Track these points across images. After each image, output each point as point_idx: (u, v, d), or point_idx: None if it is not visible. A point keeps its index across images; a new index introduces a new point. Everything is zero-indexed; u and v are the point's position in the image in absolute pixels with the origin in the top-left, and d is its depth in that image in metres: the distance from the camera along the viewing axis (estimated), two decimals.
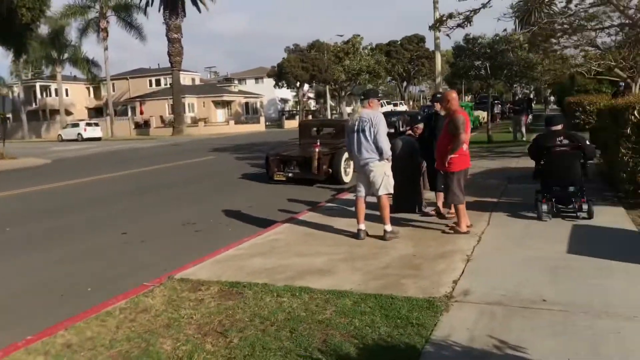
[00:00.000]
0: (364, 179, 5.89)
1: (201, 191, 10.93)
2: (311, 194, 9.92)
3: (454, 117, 5.74)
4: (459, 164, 5.88)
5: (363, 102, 5.87)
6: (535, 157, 6.63)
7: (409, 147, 7.15)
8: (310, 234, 6.28)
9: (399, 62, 61.37)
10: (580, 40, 20.84)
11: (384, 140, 5.61)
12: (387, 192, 5.85)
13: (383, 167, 5.75)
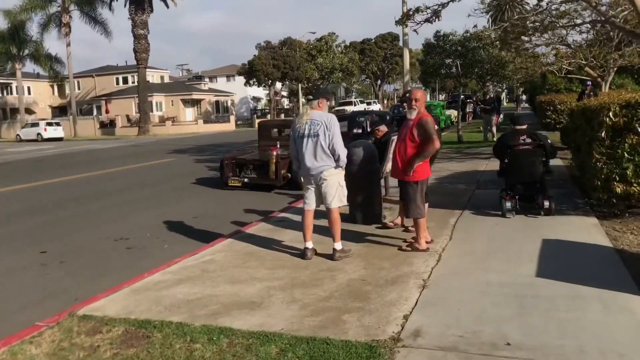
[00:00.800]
0: (315, 189, 5.19)
1: (147, 199, 10.06)
2: (267, 202, 9.18)
3: (424, 121, 5.09)
4: (423, 172, 5.23)
5: (312, 102, 5.14)
6: (499, 156, 6.82)
7: (366, 152, 6.49)
8: (251, 252, 5.54)
9: (373, 61, 61.03)
10: (552, 38, 20.62)
11: (341, 146, 4.96)
12: (340, 204, 5.16)
13: (338, 176, 5.09)
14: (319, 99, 5.06)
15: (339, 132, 4.96)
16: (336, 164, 4.99)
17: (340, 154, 4.94)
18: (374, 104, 52.76)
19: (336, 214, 5.12)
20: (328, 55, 47.16)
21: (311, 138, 4.96)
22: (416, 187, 5.19)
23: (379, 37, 62.59)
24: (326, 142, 4.92)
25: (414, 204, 5.21)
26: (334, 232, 5.12)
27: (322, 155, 4.95)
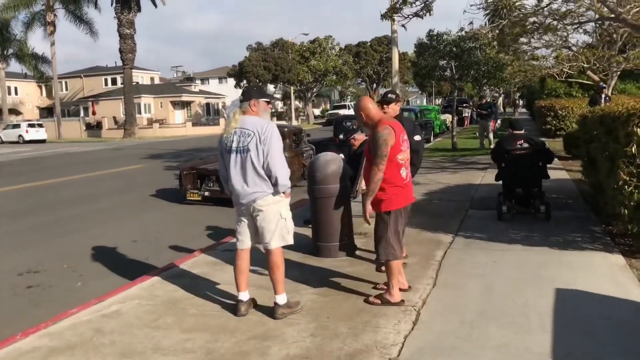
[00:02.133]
0: (250, 221, 3.86)
1: (88, 216, 8.67)
2: (227, 220, 7.84)
3: (375, 135, 3.80)
4: (397, 199, 3.89)
5: (243, 104, 3.81)
6: (497, 160, 6.83)
7: (333, 167, 5.18)
8: (173, 301, 4.22)
9: (368, 64, 59.73)
10: (553, 40, 19.37)
11: (280, 164, 3.60)
12: (283, 244, 3.82)
13: (278, 205, 3.72)
14: (252, 100, 3.73)
15: (278, 146, 3.62)
16: (275, 189, 3.66)
17: (278, 176, 3.59)
18: None
19: (277, 258, 3.79)
20: (322, 57, 45.89)
21: (240, 154, 3.64)
22: (387, 220, 3.87)
23: (375, 40, 61.22)
24: (259, 160, 3.59)
25: (383, 241, 3.88)
26: (275, 281, 3.80)
27: (254, 178, 3.63)
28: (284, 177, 3.62)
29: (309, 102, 51.89)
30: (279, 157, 3.60)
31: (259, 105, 3.71)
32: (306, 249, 5.55)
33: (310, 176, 5.31)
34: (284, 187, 3.64)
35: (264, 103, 3.75)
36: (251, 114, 3.69)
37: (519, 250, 5.17)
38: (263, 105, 3.74)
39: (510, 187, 6.61)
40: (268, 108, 3.78)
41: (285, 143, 10.33)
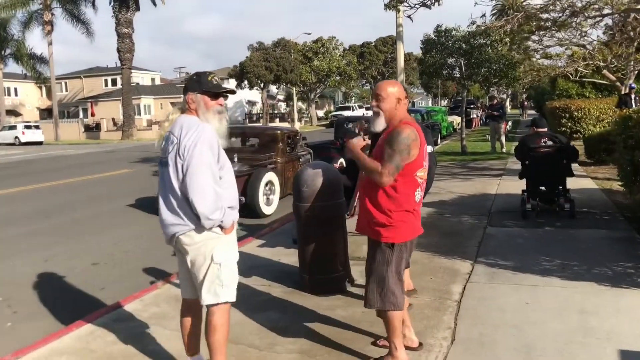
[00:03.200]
0: (182, 264, 2.80)
1: (52, 230, 7.64)
2: None
3: (394, 133, 2.77)
4: (405, 228, 2.83)
5: (182, 104, 2.77)
6: (520, 158, 6.80)
7: (324, 179, 4.15)
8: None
9: (372, 64, 58.76)
10: (568, 37, 18.30)
11: (200, 188, 2.49)
12: (218, 302, 2.66)
13: (208, 245, 2.62)
14: (188, 94, 2.68)
15: (202, 161, 2.51)
16: (198, 223, 2.55)
17: (197, 205, 2.48)
18: None
19: (214, 318, 2.68)
20: (325, 57, 44.88)
21: (162, 167, 2.66)
22: (388, 255, 2.83)
23: (379, 41, 60.30)
24: (178, 180, 2.55)
25: (380, 283, 2.84)
26: (211, 348, 2.71)
27: (173, 204, 2.58)
28: (207, 207, 2.47)
29: (312, 104, 50.89)
30: (200, 178, 2.46)
31: (197, 100, 2.65)
32: (291, 280, 4.55)
33: (296, 191, 4.29)
34: (207, 221, 2.49)
35: (205, 98, 2.66)
36: (189, 113, 2.67)
37: (556, 286, 4.13)
38: (204, 101, 2.64)
39: (534, 185, 6.66)
40: (215, 105, 2.66)
41: (278, 147, 9.38)
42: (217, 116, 2.67)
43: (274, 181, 8.39)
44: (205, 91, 2.65)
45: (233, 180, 2.74)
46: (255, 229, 7.10)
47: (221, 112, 2.71)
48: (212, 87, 2.66)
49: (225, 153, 2.75)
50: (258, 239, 6.26)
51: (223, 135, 2.71)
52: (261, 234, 6.48)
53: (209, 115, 2.65)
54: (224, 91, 2.70)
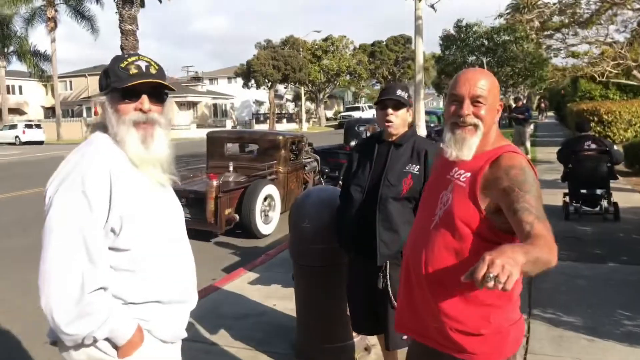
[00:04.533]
0: None
1: (35, 248, 6.57)
2: None
3: (517, 169, 1.49)
4: (514, 334, 1.60)
5: None
6: (563, 161, 6.81)
7: (328, 216, 2.93)
8: None
9: (383, 64, 57.46)
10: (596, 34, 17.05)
11: (48, 272, 1.32)
12: None
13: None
14: (98, 97, 1.55)
15: (60, 224, 1.35)
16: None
17: (43, 304, 1.31)
18: None
19: None
20: (335, 56, 43.63)
21: None
22: None
23: (391, 39, 59.00)
24: None
25: None
26: None
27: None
28: (60, 311, 1.30)
29: (320, 104, 49.70)
30: (50, 255, 1.34)
31: (105, 108, 1.52)
32: (286, 342, 3.38)
33: (293, 226, 3.09)
34: (62, 335, 1.34)
35: (115, 100, 1.50)
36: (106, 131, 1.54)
37: None
38: (114, 106, 1.50)
39: (577, 188, 6.67)
40: (130, 112, 1.49)
41: (280, 155, 8.19)
42: (136, 131, 1.49)
43: (273, 195, 7.21)
44: (115, 89, 1.48)
45: (177, 250, 1.57)
46: (249, 255, 5.94)
47: (149, 122, 1.51)
48: (123, 79, 1.47)
49: (164, 196, 1.58)
50: (251, 271, 5.08)
51: (153, 162, 1.52)
52: (255, 265, 5.30)
53: (120, 131, 1.48)
54: (139, 83, 1.47)
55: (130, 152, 1.47)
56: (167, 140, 1.57)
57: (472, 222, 1.52)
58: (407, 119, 2.52)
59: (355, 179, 2.53)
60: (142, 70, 1.49)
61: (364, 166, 2.53)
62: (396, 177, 2.39)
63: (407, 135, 2.50)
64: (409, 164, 2.42)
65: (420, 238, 1.66)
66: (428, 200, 1.71)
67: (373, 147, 2.54)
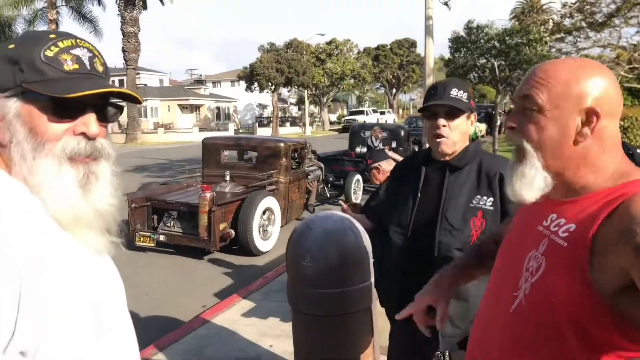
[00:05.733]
0: None
1: None
2: (181, 287, 5.10)
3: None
4: None
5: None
6: None
7: (346, 251, 2.32)
8: None
9: (387, 68, 56.99)
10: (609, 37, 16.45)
11: None
12: None
13: None
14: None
15: None
16: None
17: None
18: (388, 114, 48.66)
19: None
20: (339, 60, 43.08)
21: None
22: None
23: (395, 43, 58.60)
24: None
25: None
26: None
27: None
28: None
29: (324, 107, 49.16)
30: None
31: (10, 123, 0.85)
32: None
33: (291, 263, 2.48)
34: None
35: (32, 110, 0.86)
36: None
37: None
38: (31, 121, 0.85)
39: None
40: (61, 138, 0.87)
41: (280, 163, 7.59)
42: (71, 169, 0.89)
43: (273, 208, 6.62)
44: (35, 94, 0.86)
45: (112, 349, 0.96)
46: (244, 277, 5.34)
47: (94, 155, 0.91)
48: (52, 79, 0.86)
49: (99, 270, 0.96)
50: (245, 298, 4.48)
51: (90, 220, 0.90)
52: (250, 290, 4.71)
53: (41, 169, 0.86)
54: (90, 94, 0.86)
55: (55, 205, 0.86)
56: (114, 182, 0.96)
57: (580, 310, 0.91)
58: (467, 130, 1.80)
59: (394, 217, 1.86)
60: (86, 67, 0.89)
61: (405, 197, 1.83)
62: (459, 217, 1.69)
63: (469, 153, 1.78)
64: (476, 195, 1.71)
65: (494, 325, 1.06)
66: (506, 265, 1.11)
67: (418, 171, 1.83)
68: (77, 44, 0.90)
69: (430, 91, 1.82)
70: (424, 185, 1.79)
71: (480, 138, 27.86)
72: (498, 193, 1.68)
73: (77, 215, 0.87)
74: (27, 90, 0.84)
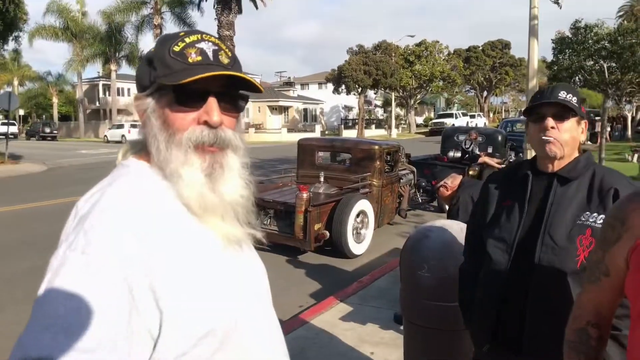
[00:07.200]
0: None
1: None
2: (276, 286, 5.20)
3: None
4: None
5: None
6: None
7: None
8: None
9: (479, 69, 54.93)
10: None
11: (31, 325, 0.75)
12: None
13: None
14: (135, 99, 0.97)
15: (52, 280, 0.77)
16: None
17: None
18: (479, 117, 46.86)
19: None
20: (428, 61, 42.21)
21: None
22: None
23: (488, 44, 56.33)
24: None
25: None
26: None
27: None
28: None
29: (411, 110, 48.39)
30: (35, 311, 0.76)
31: (148, 118, 0.95)
32: None
33: (406, 272, 2.43)
34: None
35: (163, 104, 0.93)
36: (140, 157, 1.00)
37: None
38: (162, 115, 0.93)
39: None
40: (188, 127, 0.92)
41: (374, 166, 7.54)
42: (198, 159, 0.93)
43: (367, 211, 6.59)
44: (163, 88, 0.91)
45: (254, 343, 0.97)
46: (339, 280, 5.35)
47: (220, 145, 0.94)
48: (177, 70, 0.90)
49: (238, 261, 0.99)
50: (342, 302, 4.48)
51: (222, 210, 0.94)
52: (347, 294, 4.70)
53: (173, 158, 0.92)
54: (206, 76, 0.88)
55: (186, 193, 0.91)
56: (243, 174, 0.99)
57: None
58: (577, 136, 1.63)
59: (494, 230, 1.67)
60: (209, 58, 0.92)
61: (509, 210, 1.66)
62: (565, 234, 1.53)
63: (580, 164, 1.62)
64: (585, 211, 1.55)
65: None
66: None
67: (525, 180, 1.66)
68: (202, 38, 0.95)
69: (536, 95, 1.67)
70: (530, 198, 1.64)
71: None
72: None
73: (206, 204, 0.91)
74: (157, 84, 0.91)
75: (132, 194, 0.89)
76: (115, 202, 0.86)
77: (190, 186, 0.90)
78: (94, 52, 43.67)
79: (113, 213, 0.84)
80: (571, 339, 1.22)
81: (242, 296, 0.95)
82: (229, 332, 0.89)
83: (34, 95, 53.30)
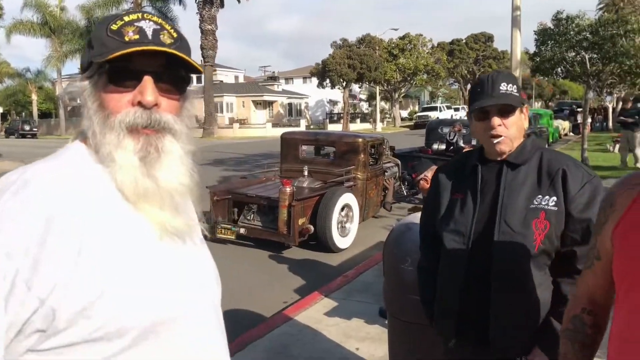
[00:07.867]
0: None
1: None
2: (255, 283, 5.13)
3: None
4: None
5: None
6: None
7: None
8: None
9: (462, 62, 55.23)
10: None
11: None
12: None
13: None
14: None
15: None
16: None
17: None
18: (462, 110, 47.15)
19: None
20: (412, 55, 42.28)
21: None
22: None
23: (471, 37, 56.64)
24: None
25: None
26: None
27: None
28: None
29: (395, 104, 48.50)
30: None
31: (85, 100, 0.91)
32: None
33: (389, 266, 2.36)
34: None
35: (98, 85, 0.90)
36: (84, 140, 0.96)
37: None
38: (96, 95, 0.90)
39: None
40: (121, 108, 0.88)
41: (359, 159, 7.45)
42: (132, 141, 0.88)
43: (351, 204, 6.53)
44: (98, 66, 0.87)
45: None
46: (323, 274, 5.29)
47: (155, 127, 0.89)
48: (111, 48, 0.84)
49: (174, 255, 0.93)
50: (327, 297, 4.41)
51: (159, 198, 0.89)
52: (331, 289, 4.63)
53: (106, 140, 0.88)
54: (135, 51, 0.84)
55: (120, 177, 0.86)
56: (186, 161, 0.92)
57: None
58: (522, 125, 1.61)
59: (449, 223, 1.64)
60: (147, 37, 0.87)
61: (462, 202, 1.62)
62: (520, 219, 1.51)
63: (527, 149, 1.60)
64: (537, 195, 1.53)
65: None
66: None
67: (475, 170, 1.63)
68: (142, 17, 0.90)
69: (476, 88, 1.61)
70: (482, 187, 1.61)
71: (563, 136, 26.27)
72: (562, 192, 1.51)
73: (139, 189, 0.86)
74: (97, 67, 0.87)
75: (61, 172, 0.85)
76: (27, 185, 0.81)
77: (124, 169, 0.85)
78: (74, 48, 42.84)
79: (21, 199, 0.79)
80: (566, 327, 1.20)
81: (177, 288, 0.88)
82: (156, 324, 0.83)
83: (13, 92, 52.22)
